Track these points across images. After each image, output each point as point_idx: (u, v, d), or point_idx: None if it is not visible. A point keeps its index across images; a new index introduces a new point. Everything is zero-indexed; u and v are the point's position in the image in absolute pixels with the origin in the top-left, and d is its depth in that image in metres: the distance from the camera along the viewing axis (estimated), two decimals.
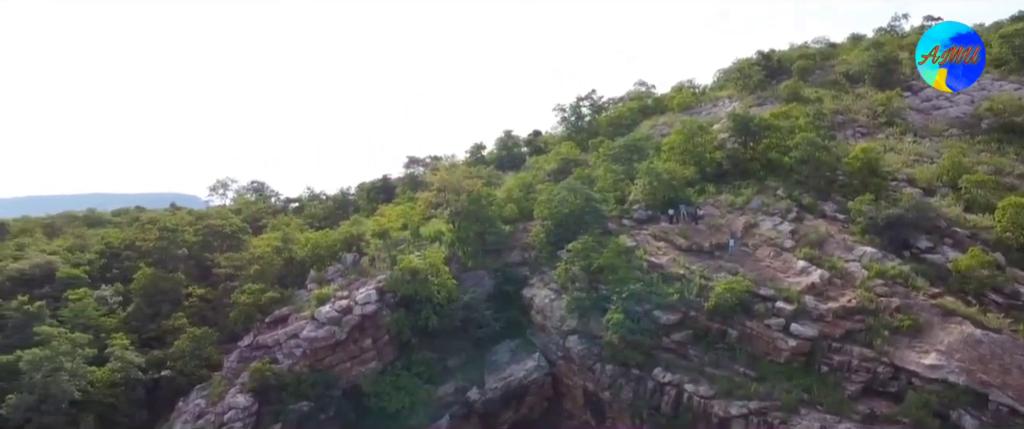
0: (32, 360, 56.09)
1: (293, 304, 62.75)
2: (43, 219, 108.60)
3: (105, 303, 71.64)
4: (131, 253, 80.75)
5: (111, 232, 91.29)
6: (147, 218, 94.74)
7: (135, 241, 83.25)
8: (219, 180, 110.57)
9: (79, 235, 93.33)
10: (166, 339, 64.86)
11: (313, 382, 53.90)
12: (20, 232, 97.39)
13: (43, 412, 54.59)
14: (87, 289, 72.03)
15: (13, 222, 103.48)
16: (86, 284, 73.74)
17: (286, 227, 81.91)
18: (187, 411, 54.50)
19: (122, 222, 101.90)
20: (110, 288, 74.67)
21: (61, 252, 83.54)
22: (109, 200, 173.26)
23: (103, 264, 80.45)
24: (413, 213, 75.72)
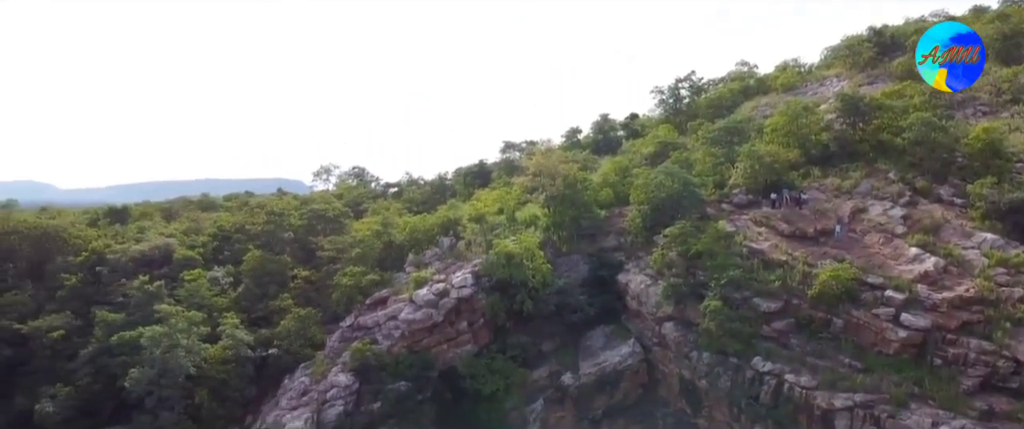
0: (152, 336, 59.31)
1: (392, 287, 64.12)
2: (162, 204, 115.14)
3: (217, 283, 75.19)
4: (241, 236, 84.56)
5: (223, 216, 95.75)
6: (256, 203, 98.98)
7: (245, 225, 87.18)
8: (323, 166, 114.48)
9: (194, 219, 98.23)
10: (273, 319, 67.47)
11: (411, 363, 55.09)
12: (141, 216, 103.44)
13: (162, 385, 57.77)
14: (201, 270, 75.80)
15: (135, 207, 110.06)
16: (200, 265, 77.59)
17: (386, 211, 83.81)
18: (292, 388, 56.63)
19: (233, 206, 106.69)
20: (222, 269, 78.37)
21: (178, 235, 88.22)
22: (221, 185, 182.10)
23: (215, 246, 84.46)
24: (509, 198, 76.08)
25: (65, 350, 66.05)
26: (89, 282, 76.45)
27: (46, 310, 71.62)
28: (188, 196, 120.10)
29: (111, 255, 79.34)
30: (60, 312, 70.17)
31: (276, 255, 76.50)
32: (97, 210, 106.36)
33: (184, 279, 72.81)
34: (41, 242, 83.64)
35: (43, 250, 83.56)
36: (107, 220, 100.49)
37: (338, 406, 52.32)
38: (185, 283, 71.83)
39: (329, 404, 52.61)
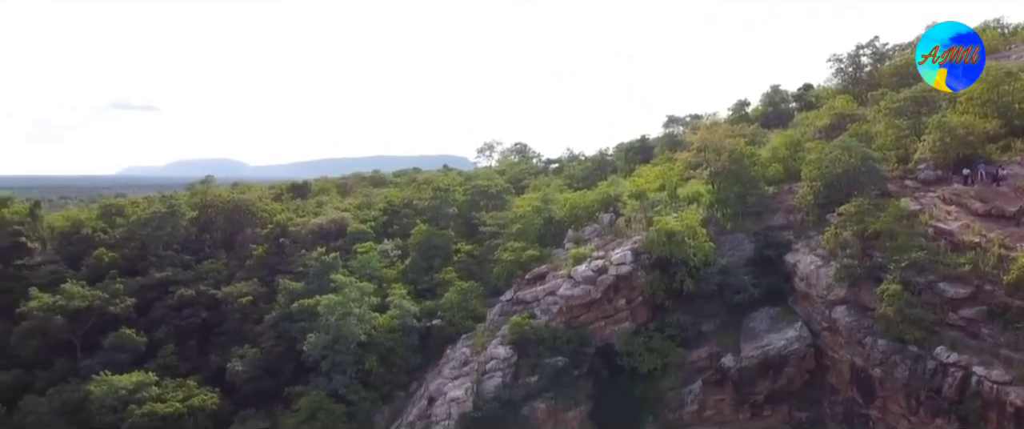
0: (328, 305, 63.05)
1: (551, 262, 64.48)
2: (338, 180, 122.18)
3: (387, 256, 78.85)
4: (409, 211, 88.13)
5: (392, 191, 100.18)
6: (423, 179, 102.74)
7: (412, 200, 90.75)
8: (486, 143, 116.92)
9: (366, 194, 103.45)
10: (437, 291, 69.87)
11: (568, 338, 55.29)
12: (319, 191, 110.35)
13: (336, 350, 61.43)
14: (372, 243, 79.79)
15: (314, 182, 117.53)
16: (371, 238, 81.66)
17: (546, 187, 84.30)
18: (454, 358, 58.44)
19: (401, 182, 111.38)
20: (391, 242, 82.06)
21: (351, 209, 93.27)
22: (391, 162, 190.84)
23: (385, 220, 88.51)
24: (671, 173, 74.20)
25: (253, 314, 71.87)
26: (273, 252, 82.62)
27: (237, 277, 78.18)
28: (361, 172, 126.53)
29: (293, 228, 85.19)
30: (248, 279, 76.41)
31: (441, 229, 79.04)
32: (281, 186, 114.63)
33: (357, 251, 76.93)
34: (233, 215, 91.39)
35: (235, 222, 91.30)
36: (289, 195, 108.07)
37: (496, 378, 53.43)
38: (358, 255, 75.87)
39: (488, 375, 53.84)
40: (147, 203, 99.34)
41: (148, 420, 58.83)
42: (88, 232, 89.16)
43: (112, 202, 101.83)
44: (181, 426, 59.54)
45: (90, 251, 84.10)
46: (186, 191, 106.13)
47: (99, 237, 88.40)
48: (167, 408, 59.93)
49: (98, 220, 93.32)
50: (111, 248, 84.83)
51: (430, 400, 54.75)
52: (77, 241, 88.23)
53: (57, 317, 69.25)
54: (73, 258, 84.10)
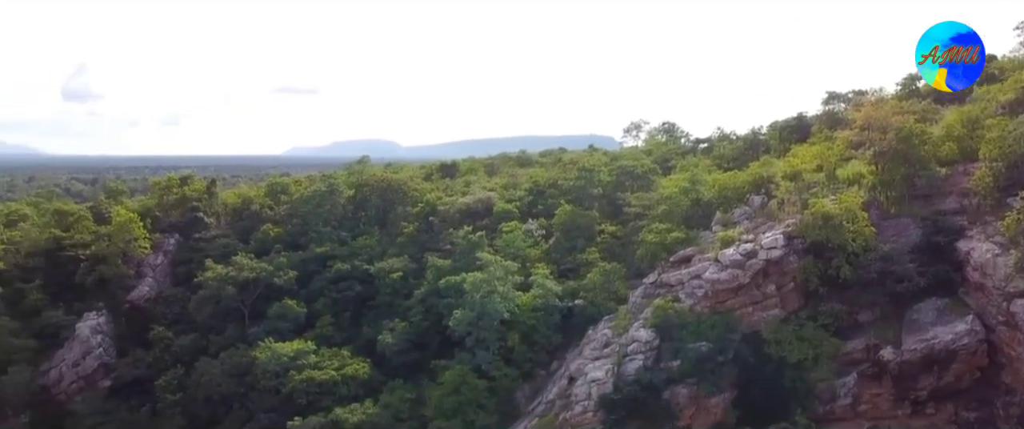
0: (474, 282, 64.50)
1: (697, 245, 62.68)
2: (485, 160, 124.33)
3: (531, 235, 79.54)
4: (553, 191, 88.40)
5: (537, 172, 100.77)
6: (568, 159, 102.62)
7: (557, 180, 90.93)
8: (633, 122, 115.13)
9: (512, 174, 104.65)
10: (580, 271, 69.80)
11: (713, 323, 53.66)
12: (467, 171, 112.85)
13: (480, 327, 62.80)
14: (517, 222, 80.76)
15: (462, 162, 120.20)
16: (516, 218, 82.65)
17: (694, 168, 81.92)
18: (595, 339, 58.23)
19: (547, 162, 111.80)
20: (535, 222, 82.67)
21: (498, 189, 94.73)
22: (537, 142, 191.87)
23: (530, 200, 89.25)
24: (829, 153, 69.90)
25: (403, 289, 74.65)
26: (423, 230, 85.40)
27: (389, 253, 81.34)
28: (508, 152, 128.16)
29: (442, 206, 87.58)
30: (399, 256, 79.35)
31: (585, 210, 78.77)
32: (431, 165, 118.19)
33: (502, 230, 78.15)
34: (387, 193, 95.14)
35: (388, 201, 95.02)
36: (439, 175, 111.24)
37: (638, 360, 52.73)
38: (503, 234, 77.07)
39: (629, 358, 53.23)
40: (309, 182, 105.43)
41: (306, 385, 62.78)
42: (256, 208, 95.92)
43: (278, 181, 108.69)
44: (335, 392, 62.98)
45: (258, 226, 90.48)
46: (344, 171, 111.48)
47: (266, 213, 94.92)
48: (323, 375, 63.65)
49: (265, 197, 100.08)
50: (276, 224, 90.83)
51: (570, 380, 54.93)
52: (247, 216, 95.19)
53: (229, 287, 75.06)
54: (243, 232, 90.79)
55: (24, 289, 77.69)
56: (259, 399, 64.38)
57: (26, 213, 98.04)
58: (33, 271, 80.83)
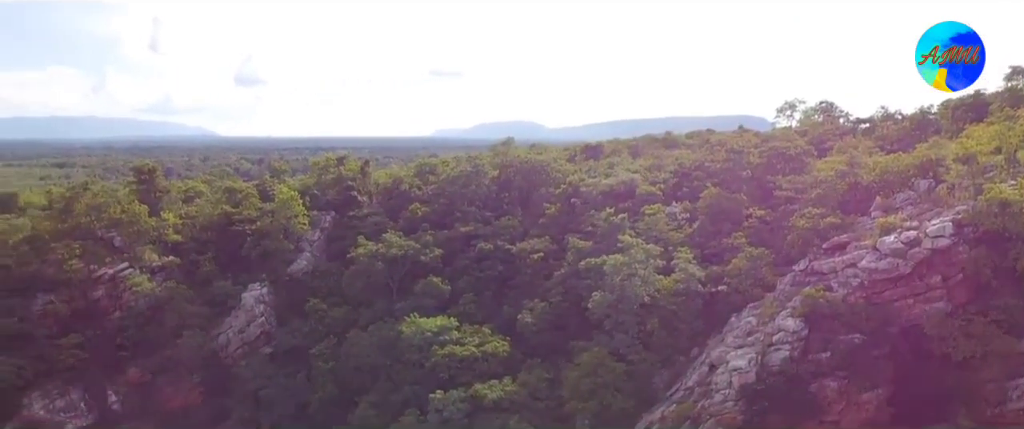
0: (614, 265, 63.91)
1: (854, 231, 58.94)
2: (629, 141, 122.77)
3: (674, 219, 77.82)
4: (699, 173, 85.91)
5: (683, 153, 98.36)
6: (716, 140, 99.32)
7: (704, 162, 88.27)
8: (787, 101, 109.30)
9: (657, 156, 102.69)
10: (725, 256, 67.45)
11: (868, 315, 50.23)
12: (611, 152, 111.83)
13: (619, 310, 62.22)
14: (660, 205, 79.22)
15: (606, 143, 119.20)
16: (660, 200, 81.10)
17: (853, 150, 76.85)
18: (738, 327, 56.12)
19: (693, 144, 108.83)
20: (679, 205, 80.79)
21: (641, 171, 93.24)
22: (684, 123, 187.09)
23: (675, 183, 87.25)
24: (1010, 134, 63.46)
25: (543, 270, 75.19)
26: (565, 211, 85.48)
27: (530, 234, 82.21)
28: (653, 134, 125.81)
29: (584, 188, 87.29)
30: (541, 237, 79.92)
31: (732, 193, 76.00)
32: (575, 147, 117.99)
33: (644, 213, 76.86)
34: (530, 175, 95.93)
35: (531, 182, 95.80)
36: (583, 156, 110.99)
37: (783, 350, 50.26)
38: (645, 217, 75.80)
39: (774, 347, 50.84)
40: (455, 163, 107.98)
41: (448, 360, 64.61)
42: (405, 188, 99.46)
43: (426, 161, 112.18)
44: (475, 368, 64.42)
45: (407, 205, 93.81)
46: (489, 152, 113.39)
47: (414, 193, 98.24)
48: (465, 351, 65.27)
49: (414, 177, 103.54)
50: (424, 203, 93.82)
51: (711, 367, 53.28)
52: (397, 196, 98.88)
53: (378, 263, 78.32)
54: (393, 211, 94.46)
55: (198, 260, 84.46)
56: (404, 371, 66.86)
57: (201, 190, 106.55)
58: (206, 244, 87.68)
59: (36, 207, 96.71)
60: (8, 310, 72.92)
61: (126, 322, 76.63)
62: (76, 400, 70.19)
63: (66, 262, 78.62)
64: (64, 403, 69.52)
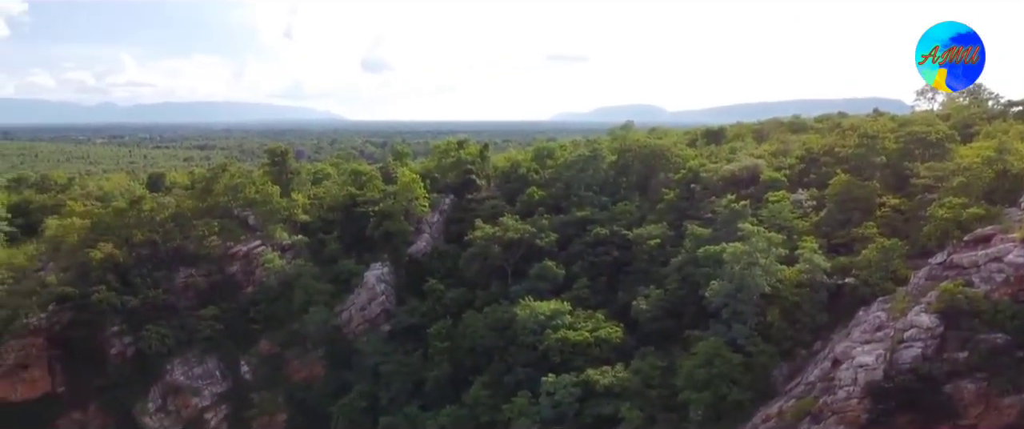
0: (734, 253, 61.89)
1: (1000, 223, 54.58)
2: (754, 125, 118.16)
3: (800, 206, 74.56)
4: (829, 159, 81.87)
5: (811, 138, 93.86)
6: (848, 124, 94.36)
7: (834, 147, 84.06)
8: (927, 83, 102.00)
9: (783, 140, 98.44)
10: (853, 247, 64.12)
11: (1013, 313, 46.33)
12: (734, 137, 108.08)
13: (738, 300, 60.24)
14: (785, 192, 76.14)
15: (729, 128, 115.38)
16: (784, 187, 77.91)
17: (1003, 135, 71.20)
18: (866, 321, 53.13)
19: (823, 128, 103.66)
20: (805, 192, 77.33)
21: (766, 156, 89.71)
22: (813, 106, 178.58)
23: (801, 169, 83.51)
24: None
25: (659, 257, 73.87)
26: (684, 197, 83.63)
27: (647, 220, 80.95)
28: (779, 117, 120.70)
29: (704, 174, 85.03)
30: (658, 223, 78.53)
31: (864, 180, 71.97)
32: (696, 131, 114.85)
33: (768, 200, 74.21)
34: (648, 160, 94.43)
35: (649, 167, 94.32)
36: (704, 140, 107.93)
37: (915, 348, 47.19)
38: (768, 204, 73.12)
39: (905, 345, 47.81)
40: (573, 147, 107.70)
41: (561, 344, 64.72)
42: (523, 172, 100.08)
43: (544, 145, 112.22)
44: (588, 353, 64.19)
45: (524, 189, 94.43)
46: (607, 136, 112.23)
47: (532, 177, 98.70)
48: (577, 336, 65.14)
49: (532, 161, 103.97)
50: (541, 187, 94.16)
51: (834, 362, 50.72)
52: (514, 179, 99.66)
53: (495, 246, 79.34)
54: (510, 194, 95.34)
55: (325, 239, 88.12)
56: (517, 354, 67.47)
57: (329, 172, 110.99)
58: (332, 223, 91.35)
59: (180, 187, 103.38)
60: (155, 282, 78.58)
61: (258, 297, 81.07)
62: (212, 368, 75.03)
63: (206, 239, 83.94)
64: (201, 370, 74.46)
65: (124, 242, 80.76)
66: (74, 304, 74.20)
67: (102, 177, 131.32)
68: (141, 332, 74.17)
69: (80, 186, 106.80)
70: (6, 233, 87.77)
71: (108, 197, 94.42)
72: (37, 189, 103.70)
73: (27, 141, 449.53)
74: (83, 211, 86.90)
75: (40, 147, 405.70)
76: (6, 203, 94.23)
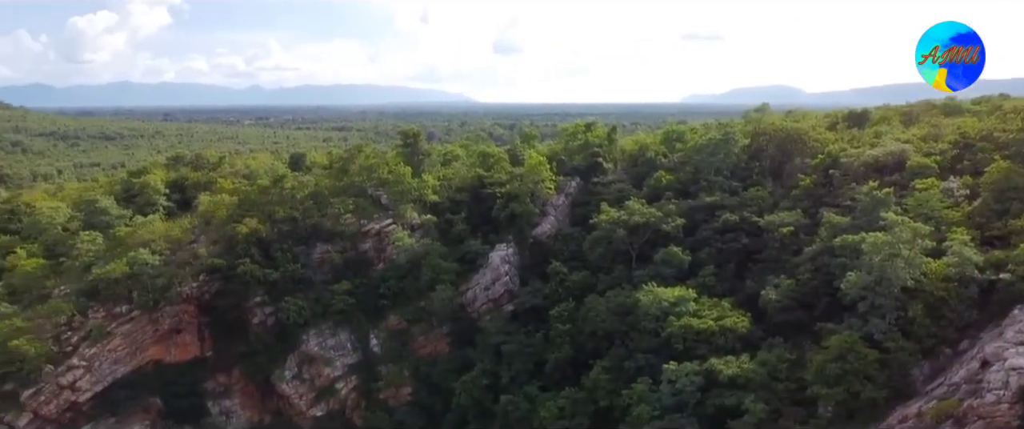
0: (874, 243, 58.42)
1: None
2: (902, 107, 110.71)
3: (950, 195, 69.49)
4: (986, 144, 76.03)
5: (967, 121, 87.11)
6: (1010, 107, 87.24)
7: (993, 132, 78.13)
8: None
9: (934, 124, 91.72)
10: (1011, 240, 59.00)
11: None
12: (879, 120, 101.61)
13: (877, 293, 56.78)
14: (934, 179, 71.25)
15: (874, 110, 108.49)
16: (934, 174, 72.87)
17: None
18: (1021, 320, 48.92)
19: (981, 111, 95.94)
20: (957, 180, 71.97)
21: (914, 141, 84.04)
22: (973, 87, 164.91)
23: (954, 155, 77.72)
24: None
25: (792, 245, 70.93)
26: (821, 184, 79.92)
27: (780, 206, 77.84)
28: (931, 99, 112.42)
29: (845, 159, 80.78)
30: (792, 210, 75.32)
31: None
32: (837, 114, 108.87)
33: (914, 187, 69.79)
34: (784, 144, 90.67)
35: (784, 151, 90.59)
36: (845, 124, 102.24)
37: None
38: (915, 192, 68.73)
39: None
40: (704, 130, 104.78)
41: (684, 332, 63.37)
42: (651, 156, 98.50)
43: (674, 128, 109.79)
44: (712, 342, 62.49)
45: (651, 173, 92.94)
46: (741, 119, 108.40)
47: (660, 161, 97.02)
48: (702, 324, 63.53)
49: (660, 145, 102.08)
50: (669, 171, 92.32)
51: (983, 363, 46.99)
52: (642, 163, 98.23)
53: (620, 230, 78.55)
54: (637, 178, 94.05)
55: (452, 220, 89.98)
56: (638, 339, 66.63)
57: (458, 154, 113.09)
58: (460, 204, 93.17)
59: (319, 166, 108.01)
60: (294, 257, 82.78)
61: (388, 273, 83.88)
62: (344, 340, 78.46)
63: (341, 216, 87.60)
64: (334, 342, 78.03)
65: (267, 218, 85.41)
66: (222, 275, 79.40)
67: (249, 156, 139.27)
68: (281, 303, 78.45)
69: (229, 165, 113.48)
70: (165, 207, 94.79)
71: (254, 175, 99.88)
72: (192, 167, 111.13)
73: (184, 122, 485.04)
74: (231, 188, 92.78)
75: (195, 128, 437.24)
76: (165, 180, 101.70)
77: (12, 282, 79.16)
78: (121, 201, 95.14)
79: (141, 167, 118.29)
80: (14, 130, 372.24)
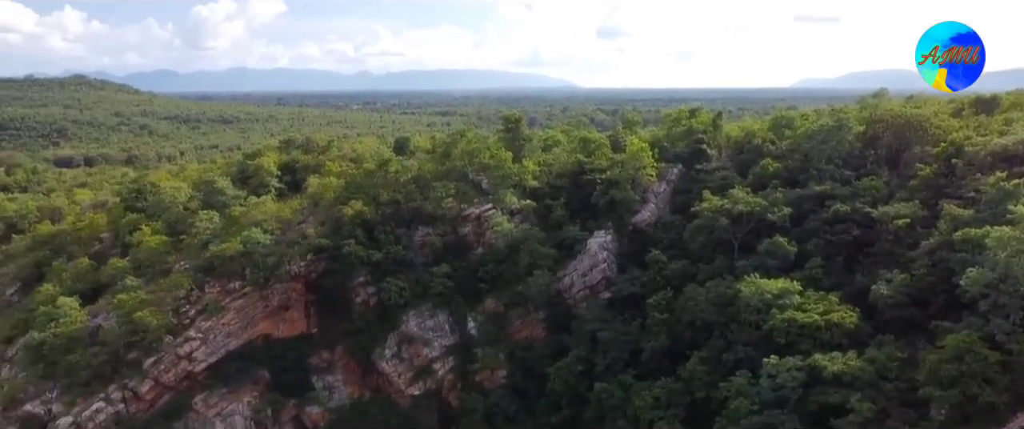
0: (1000, 238, 54.91)
1: None
2: None
3: None
4: None
5: None
6: None
7: None
8: None
9: None
10: None
11: None
12: (1011, 106, 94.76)
13: (1000, 291, 53.22)
14: None
15: (1006, 95, 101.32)
16: None
17: None
18: None
19: None
20: None
21: None
22: None
23: None
24: None
25: (907, 238, 67.33)
26: (942, 174, 75.44)
27: (896, 197, 74.04)
28: None
29: (970, 147, 75.96)
30: (909, 201, 71.51)
31: None
32: (962, 99, 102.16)
33: None
34: (902, 131, 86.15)
35: (903, 139, 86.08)
36: (971, 110, 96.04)
37: None
38: None
39: None
40: (816, 116, 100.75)
41: (787, 325, 61.12)
42: (758, 142, 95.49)
43: (783, 114, 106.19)
44: (817, 337, 60.03)
45: (758, 160, 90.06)
46: (856, 105, 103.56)
47: (767, 148, 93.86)
48: (806, 318, 61.10)
49: (768, 131, 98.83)
50: (776, 159, 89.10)
51: None
52: (748, 150, 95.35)
53: (722, 219, 76.56)
54: (742, 166, 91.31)
55: (552, 205, 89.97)
56: (738, 331, 64.86)
57: (559, 139, 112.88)
58: (559, 190, 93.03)
59: (422, 151, 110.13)
60: (396, 239, 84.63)
61: (486, 258, 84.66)
62: (442, 322, 79.78)
63: (442, 200, 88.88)
64: (433, 323, 79.45)
65: (372, 200, 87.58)
66: (328, 255, 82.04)
67: (356, 140, 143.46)
68: (383, 284, 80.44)
69: (337, 148, 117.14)
70: (276, 189, 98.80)
71: (360, 159, 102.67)
72: (302, 150, 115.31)
73: (296, 107, 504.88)
74: (339, 171, 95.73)
75: (306, 112, 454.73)
76: (277, 162, 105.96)
77: (138, 257, 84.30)
78: (236, 182, 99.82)
79: (255, 150, 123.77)
80: (143, 114, 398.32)
